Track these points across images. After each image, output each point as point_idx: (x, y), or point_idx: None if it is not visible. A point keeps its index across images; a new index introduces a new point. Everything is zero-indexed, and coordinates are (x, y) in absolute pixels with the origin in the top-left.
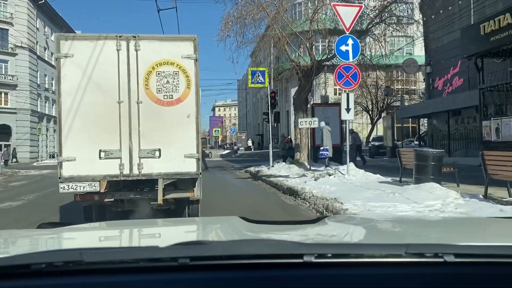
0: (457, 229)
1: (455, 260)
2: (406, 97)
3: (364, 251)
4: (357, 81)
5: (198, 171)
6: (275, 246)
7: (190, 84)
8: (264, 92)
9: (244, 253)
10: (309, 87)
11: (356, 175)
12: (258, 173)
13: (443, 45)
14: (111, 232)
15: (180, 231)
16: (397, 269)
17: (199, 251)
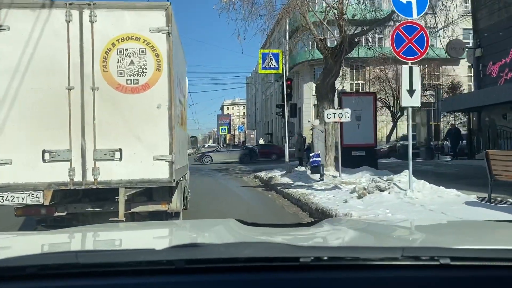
0: (453, 233)
1: (450, 263)
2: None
3: (360, 254)
4: (425, 48)
5: (171, 177)
6: (271, 249)
7: (161, 66)
8: (274, 88)
9: (240, 256)
10: (338, 70)
11: (422, 190)
12: (271, 180)
13: (499, 22)
14: (107, 234)
15: (176, 234)
16: (393, 272)
17: (196, 253)
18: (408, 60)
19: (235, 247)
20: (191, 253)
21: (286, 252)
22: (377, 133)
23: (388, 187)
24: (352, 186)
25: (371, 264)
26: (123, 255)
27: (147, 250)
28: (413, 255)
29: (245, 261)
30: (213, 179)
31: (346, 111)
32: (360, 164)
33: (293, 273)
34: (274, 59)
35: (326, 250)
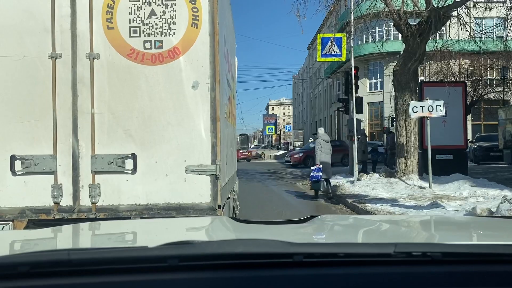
0: (445, 229)
1: (442, 258)
2: None
3: (353, 250)
4: None
5: (214, 201)
6: (264, 246)
7: (199, 19)
8: (323, 87)
9: (233, 253)
10: (422, 52)
11: None
12: (336, 189)
13: None
14: (100, 232)
15: (169, 231)
16: (385, 268)
17: (189, 250)
18: None
19: (229, 244)
20: (184, 250)
21: (279, 248)
22: (467, 133)
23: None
24: (455, 202)
25: (364, 260)
26: (116, 252)
27: (139, 248)
28: (406, 251)
29: (239, 258)
30: (262, 185)
31: (438, 104)
32: (445, 170)
33: (287, 269)
34: (336, 44)
35: (319, 247)
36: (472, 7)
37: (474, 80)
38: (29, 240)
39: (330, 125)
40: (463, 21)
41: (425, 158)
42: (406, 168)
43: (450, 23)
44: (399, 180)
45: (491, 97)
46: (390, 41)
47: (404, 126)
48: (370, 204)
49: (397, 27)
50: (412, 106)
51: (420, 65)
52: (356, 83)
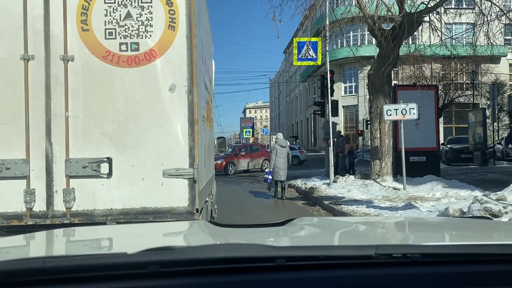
0: (422, 230)
1: (422, 260)
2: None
3: (335, 252)
4: None
5: (192, 205)
6: (246, 250)
7: (177, 21)
8: (299, 90)
9: (215, 258)
10: (395, 57)
11: None
12: (312, 191)
13: None
14: (75, 238)
15: (147, 237)
16: (367, 271)
17: (170, 256)
18: None
19: (210, 249)
20: (165, 256)
21: (262, 252)
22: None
23: (504, 211)
24: (429, 203)
25: (345, 262)
26: (94, 259)
27: (119, 254)
28: (386, 253)
29: (221, 262)
30: (240, 188)
31: (411, 107)
32: (419, 172)
33: (269, 273)
34: (312, 48)
35: (301, 250)
36: (443, 13)
37: (445, 84)
38: (1, 248)
39: (307, 128)
40: (434, 27)
41: (399, 160)
42: (380, 170)
43: (422, 28)
44: (374, 181)
45: (461, 100)
46: (365, 45)
47: (378, 129)
48: (346, 205)
49: (371, 31)
50: (386, 109)
51: (394, 69)
52: (331, 87)
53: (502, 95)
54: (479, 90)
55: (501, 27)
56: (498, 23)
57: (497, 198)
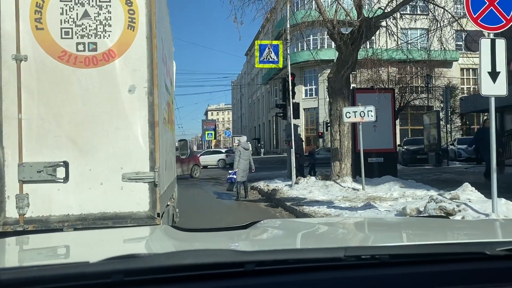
0: (393, 230)
1: (390, 260)
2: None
3: (304, 255)
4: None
5: (153, 209)
6: (215, 256)
7: (136, 21)
8: (261, 92)
9: (182, 264)
10: (354, 60)
11: (508, 213)
12: (274, 193)
13: None
14: (29, 247)
15: (108, 244)
16: (336, 273)
17: (134, 264)
18: (489, 30)
19: (176, 255)
20: (129, 264)
21: (230, 257)
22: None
23: (457, 209)
24: (387, 203)
25: (315, 265)
26: (52, 270)
27: (80, 263)
28: (355, 255)
29: (188, 269)
30: (203, 191)
31: (369, 109)
32: (377, 172)
33: (238, 279)
34: (273, 51)
35: (270, 254)
36: (399, 18)
37: (401, 87)
38: None
39: (269, 130)
40: (391, 31)
41: (358, 161)
42: (340, 171)
43: (380, 33)
44: (334, 182)
45: (416, 103)
46: (324, 49)
47: (338, 131)
48: (307, 206)
49: (330, 35)
50: (345, 111)
51: (352, 72)
52: (293, 90)
53: (454, 98)
54: (433, 93)
55: (453, 33)
56: (450, 29)
57: (451, 197)
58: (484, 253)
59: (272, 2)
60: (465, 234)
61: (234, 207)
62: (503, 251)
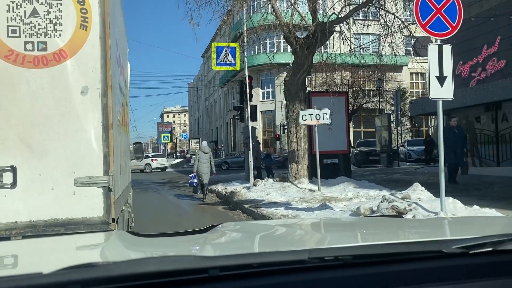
0: (356, 230)
1: (353, 261)
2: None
3: (268, 259)
4: (457, 21)
5: (107, 215)
6: (177, 262)
7: (89, 20)
8: (218, 95)
9: (144, 272)
10: (310, 64)
11: (455, 211)
12: (232, 196)
13: (468, 19)
14: None
15: (63, 252)
16: (301, 276)
17: (93, 274)
18: (437, 36)
19: (138, 263)
20: (87, 274)
21: (194, 263)
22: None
23: (408, 208)
24: (342, 203)
25: (279, 269)
26: (3, 282)
27: (32, 275)
28: (319, 256)
29: (150, 277)
30: (159, 195)
31: (324, 112)
32: (332, 173)
33: (202, 286)
34: (230, 54)
35: (234, 258)
36: (352, 23)
37: (354, 90)
38: None
39: (226, 133)
40: (344, 36)
41: (314, 163)
42: (297, 172)
43: (334, 37)
44: (292, 184)
45: (369, 106)
46: (281, 52)
47: (295, 133)
48: (265, 208)
49: (286, 39)
50: (302, 114)
51: (308, 76)
52: (250, 92)
53: (404, 101)
54: (384, 97)
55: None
56: (400, 34)
57: (403, 196)
58: (442, 251)
59: (229, 5)
60: (421, 233)
61: (191, 210)
62: (458, 249)
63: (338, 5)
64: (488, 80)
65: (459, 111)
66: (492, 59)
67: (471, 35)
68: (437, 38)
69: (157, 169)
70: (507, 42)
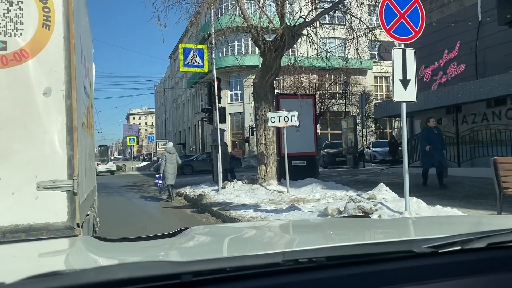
0: (322, 231)
1: (326, 263)
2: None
3: (242, 263)
4: (420, 26)
5: (72, 220)
6: (149, 268)
7: (52, 19)
8: (186, 97)
9: (114, 280)
10: (278, 67)
11: (419, 211)
12: (201, 199)
13: (430, 24)
14: None
15: (25, 260)
16: (275, 279)
17: (59, 283)
18: (401, 40)
19: (107, 270)
20: (53, 283)
21: (165, 269)
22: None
23: (374, 208)
24: (310, 204)
25: (253, 272)
26: None
27: None
28: (293, 259)
29: (121, 284)
30: (125, 199)
31: (292, 114)
32: (300, 175)
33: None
34: (198, 55)
35: (208, 263)
36: (319, 27)
37: (321, 93)
38: None
39: (195, 135)
40: (312, 40)
41: (282, 165)
42: (266, 174)
43: (301, 41)
44: (260, 186)
45: (335, 108)
46: (249, 55)
47: (263, 135)
48: (234, 211)
49: (255, 42)
50: (270, 116)
51: (276, 78)
52: (218, 94)
53: (369, 104)
54: (350, 100)
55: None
56: (365, 38)
57: (368, 197)
58: (413, 251)
59: (197, 6)
60: (392, 233)
61: (158, 214)
62: (429, 248)
63: (305, 9)
64: (448, 83)
65: (421, 113)
66: (452, 63)
67: (433, 40)
68: (401, 42)
69: (106, 173)
70: (466, 47)
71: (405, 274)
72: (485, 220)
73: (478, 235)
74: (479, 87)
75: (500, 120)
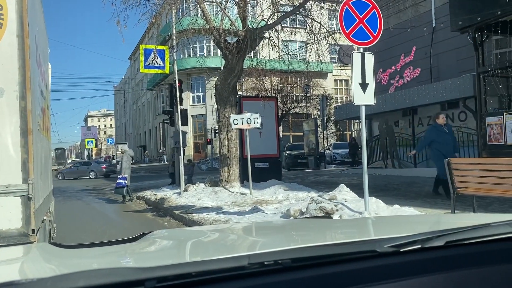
0: (285, 233)
1: (292, 265)
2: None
3: (207, 267)
4: (378, 31)
5: (27, 226)
6: (110, 275)
7: (5, 18)
8: (147, 98)
9: (77, 287)
10: (239, 69)
11: (378, 211)
12: (163, 202)
13: (387, 29)
14: None
15: None
16: (241, 283)
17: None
18: (360, 45)
19: (65, 278)
20: None
21: (128, 276)
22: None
23: (335, 209)
24: (273, 206)
25: (218, 276)
26: None
27: None
28: (259, 261)
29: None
30: (84, 203)
31: (255, 116)
32: (263, 177)
33: None
34: (159, 56)
35: (171, 268)
36: (280, 30)
37: (283, 95)
38: None
39: (156, 137)
40: (273, 43)
41: (245, 167)
42: (229, 176)
43: (263, 43)
44: (223, 188)
45: (297, 111)
46: (211, 56)
47: (226, 137)
48: (197, 214)
49: (217, 44)
50: (233, 118)
51: (239, 80)
52: (180, 96)
53: (329, 106)
54: (311, 102)
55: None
56: (326, 42)
57: (330, 197)
58: (375, 251)
59: (157, 7)
60: (354, 233)
61: (118, 218)
62: (390, 248)
63: (267, 12)
64: (405, 86)
65: (379, 115)
66: (408, 67)
67: (390, 45)
68: (359, 46)
69: None
70: (421, 52)
71: (369, 274)
72: (443, 219)
73: (437, 234)
74: (433, 91)
75: (454, 123)
